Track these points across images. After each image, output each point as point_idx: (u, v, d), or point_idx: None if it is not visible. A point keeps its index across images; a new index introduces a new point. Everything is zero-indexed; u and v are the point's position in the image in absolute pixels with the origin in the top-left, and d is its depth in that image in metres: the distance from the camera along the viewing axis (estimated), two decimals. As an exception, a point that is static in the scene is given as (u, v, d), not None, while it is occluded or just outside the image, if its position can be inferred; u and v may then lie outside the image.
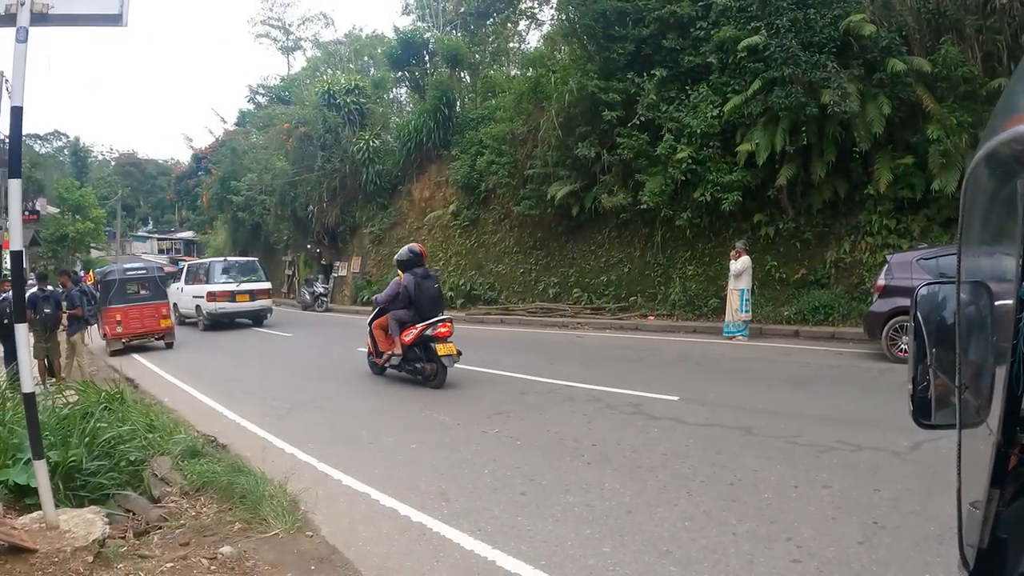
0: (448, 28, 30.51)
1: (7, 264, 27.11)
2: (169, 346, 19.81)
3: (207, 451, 7.72)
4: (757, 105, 15.56)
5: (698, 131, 16.56)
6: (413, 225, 29.45)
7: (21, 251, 5.24)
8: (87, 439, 7.50)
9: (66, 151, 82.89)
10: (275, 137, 38.75)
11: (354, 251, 33.06)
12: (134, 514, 6.59)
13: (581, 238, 21.41)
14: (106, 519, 5.52)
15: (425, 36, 30.18)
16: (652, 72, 17.71)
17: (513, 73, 28.04)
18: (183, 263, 36.24)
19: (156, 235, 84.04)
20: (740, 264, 14.86)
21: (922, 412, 1.82)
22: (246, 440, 8.78)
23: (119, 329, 18.91)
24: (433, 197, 28.56)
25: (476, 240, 25.71)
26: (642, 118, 17.71)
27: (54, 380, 13.40)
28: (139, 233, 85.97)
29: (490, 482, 6.39)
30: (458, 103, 28.73)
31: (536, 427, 8.34)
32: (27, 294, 13.38)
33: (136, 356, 18.26)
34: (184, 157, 78.24)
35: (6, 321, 13.48)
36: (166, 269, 30.47)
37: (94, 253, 58.58)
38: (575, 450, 7.21)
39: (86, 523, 5.23)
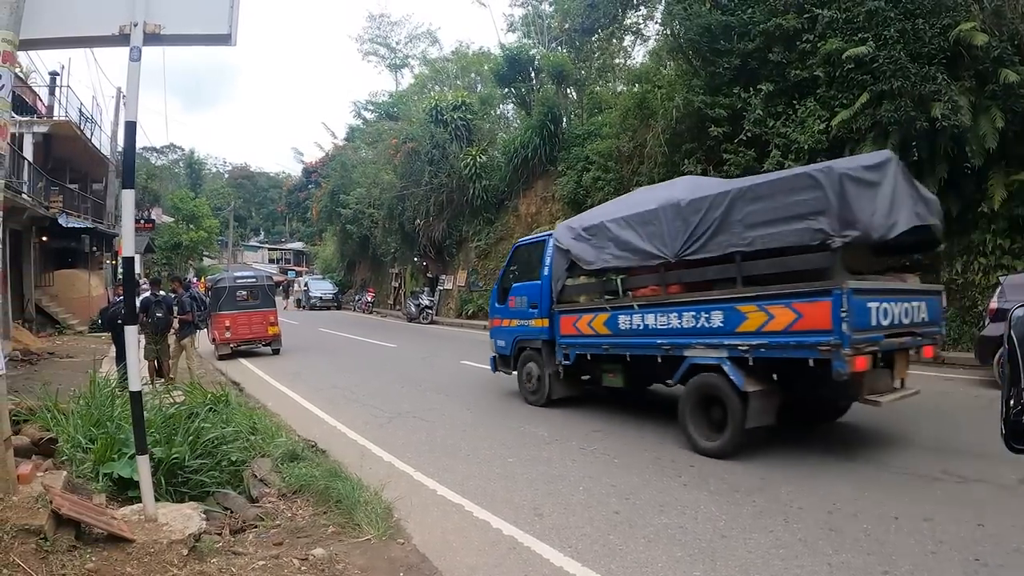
0: (553, 44, 30.60)
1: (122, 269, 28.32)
2: (276, 352, 20.55)
3: (306, 455, 7.93)
4: (865, 119, 15.02)
5: (806, 147, 16.05)
6: (518, 239, 29.42)
7: (133, 257, 5.58)
8: (190, 438, 7.88)
9: (181, 163, 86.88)
10: (383, 152, 39.76)
11: (460, 265, 33.46)
12: (232, 512, 6.85)
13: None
14: (203, 515, 5.74)
15: (531, 53, 30.41)
16: (758, 86, 17.33)
17: (619, 89, 27.91)
18: (293, 272, 37.80)
19: (267, 245, 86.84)
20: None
21: (1015, 437, 1.78)
22: (345, 447, 9.05)
23: (228, 334, 19.69)
24: (539, 212, 28.65)
25: (581, 256, 25.41)
26: (749, 134, 17.34)
27: (163, 381, 13.99)
28: (251, 243, 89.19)
29: (584, 499, 6.43)
30: (564, 119, 28.78)
31: (634, 445, 8.34)
32: (140, 298, 13.83)
33: (244, 361, 19.01)
34: (295, 171, 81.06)
35: (119, 322, 14.18)
36: (275, 278, 31.46)
37: (207, 261, 61.56)
38: (673, 471, 7.17)
39: (183, 518, 5.44)
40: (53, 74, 29.61)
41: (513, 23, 36.13)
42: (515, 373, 11.99)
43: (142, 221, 44.05)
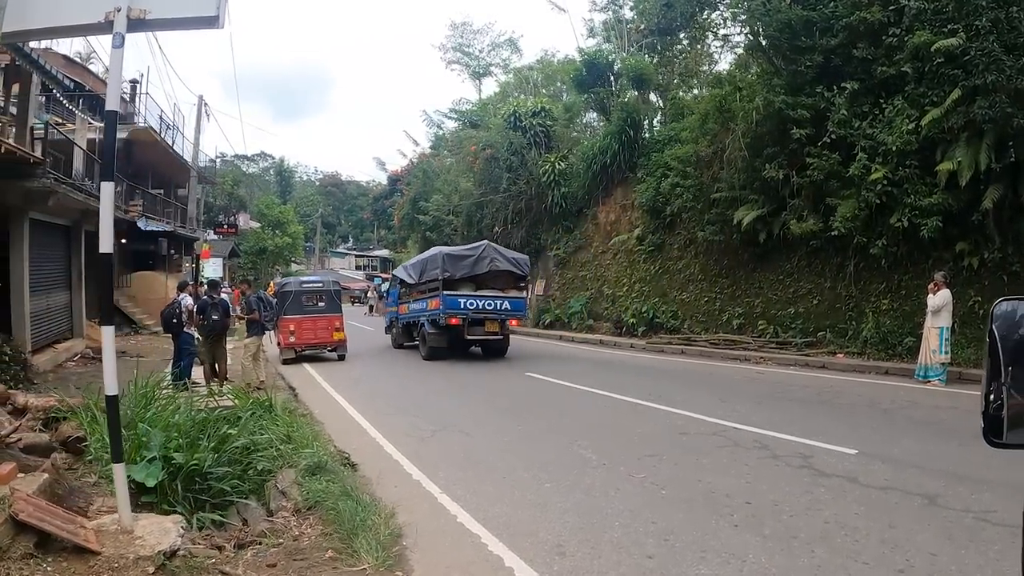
0: (633, 49, 29.78)
1: (205, 273, 29.05)
2: (341, 358, 20.33)
3: (333, 468, 7.55)
4: (958, 118, 13.85)
5: (893, 148, 14.90)
6: (598, 249, 28.98)
7: (110, 254, 5.53)
8: (212, 444, 7.67)
9: (272, 171, 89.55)
10: (462, 159, 39.59)
11: (538, 274, 32.87)
12: (246, 524, 6.62)
13: (768, 266, 19.96)
14: (183, 529, 5.43)
15: (610, 58, 29.69)
16: (843, 85, 16.27)
17: (700, 94, 26.98)
18: (379, 279, 38.47)
19: (354, 252, 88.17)
20: (939, 299, 13.24)
21: (993, 431, 1.80)
22: (378, 460, 8.59)
23: (292, 339, 19.54)
24: (618, 221, 27.93)
25: (660, 266, 24.76)
26: (833, 135, 16.28)
27: (218, 383, 13.95)
28: (338, 249, 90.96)
29: (618, 537, 5.65)
30: (645, 124, 27.97)
31: (688, 475, 7.47)
32: (198, 301, 14.15)
33: (307, 366, 18.85)
34: (382, 179, 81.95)
35: (174, 321, 14.07)
36: (348, 285, 31.64)
37: (294, 267, 62.12)
38: (725, 508, 6.31)
39: (161, 532, 5.14)
40: (133, 82, 30.29)
41: (593, 28, 35.51)
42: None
43: (225, 226, 45.44)
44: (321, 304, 20.43)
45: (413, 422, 10.98)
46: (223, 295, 15.67)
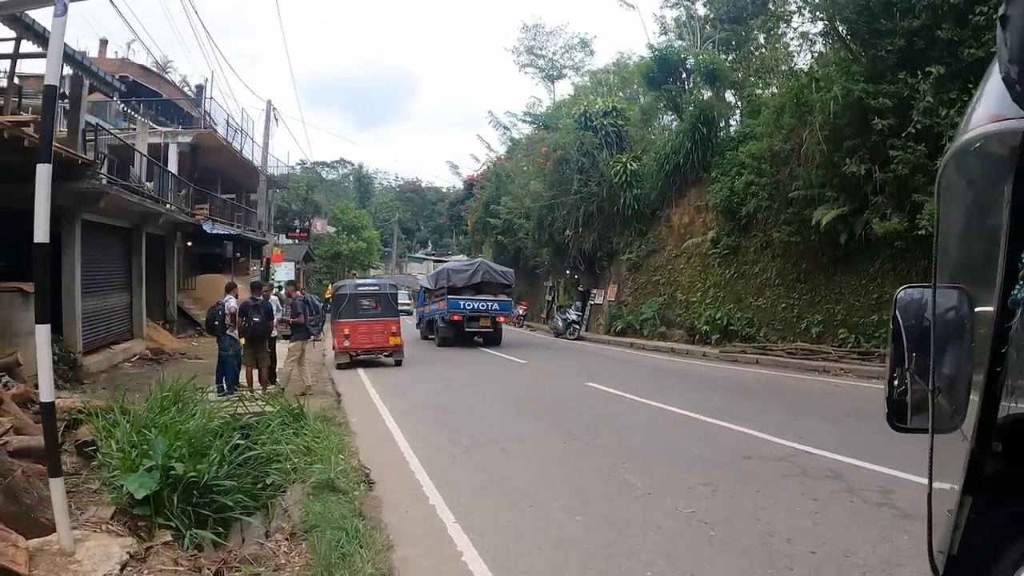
0: (706, 44, 28.55)
1: (276, 277, 29.13)
2: (398, 364, 19.76)
3: (343, 487, 6.97)
4: (1056, 101, 12.36)
5: (984, 139, 13.41)
6: (671, 252, 27.73)
7: (44, 243, 5.36)
8: (219, 455, 7.43)
9: (351, 177, 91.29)
10: (533, 160, 38.78)
11: (611, 278, 31.90)
12: (237, 546, 6.39)
13: (850, 270, 18.41)
14: (130, 553, 5.09)
15: (682, 54, 28.46)
16: (927, 70, 14.75)
17: (776, 89, 25.60)
18: None
19: (432, 257, 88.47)
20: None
21: (897, 416, 1.88)
22: (399, 479, 7.89)
23: (346, 343, 19.07)
24: (692, 223, 26.62)
25: (735, 270, 23.43)
26: (918, 125, 14.78)
27: (262, 388, 13.72)
28: (417, 254, 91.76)
29: (646, 595, 4.74)
30: (720, 121, 26.69)
31: (744, 511, 6.42)
32: (240, 302, 13.84)
33: (360, 370, 18.38)
34: (458, 184, 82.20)
35: (216, 323, 13.83)
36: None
37: (372, 272, 62.39)
38: (784, 559, 5.24)
39: (104, 556, 4.84)
40: (199, 87, 30.56)
41: (665, 25, 34.29)
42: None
43: (297, 230, 45.75)
44: (377, 308, 19.88)
45: (451, 435, 10.24)
46: (298, 296, 15.55)
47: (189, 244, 26.92)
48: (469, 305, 25.16)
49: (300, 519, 6.24)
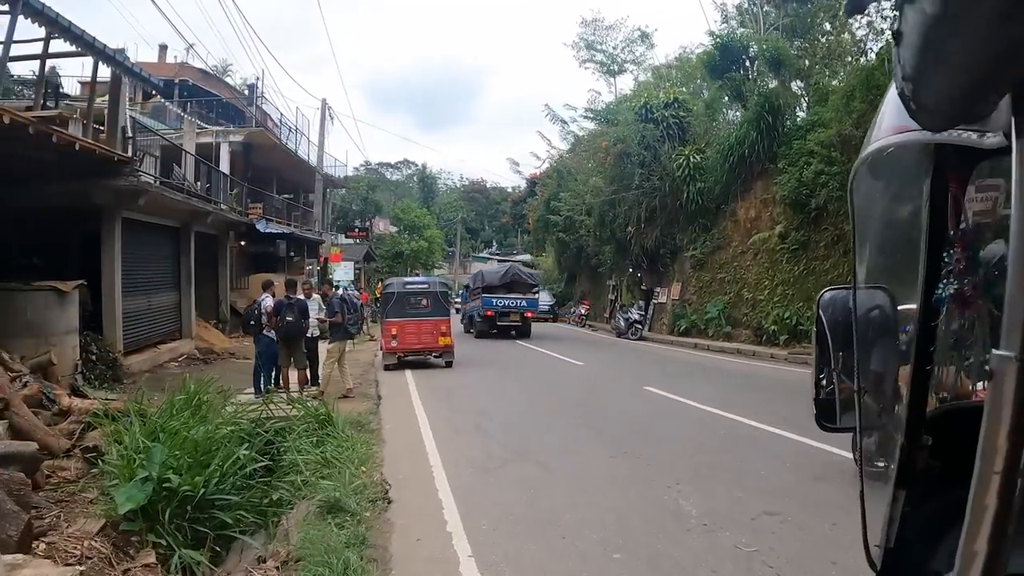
0: (769, 31, 27.15)
1: (335, 276, 29.09)
2: (448, 365, 18.73)
3: (351, 507, 6.26)
4: None
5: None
6: (737, 249, 26.46)
7: None
8: (213, 469, 6.88)
9: (415, 178, 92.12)
10: (593, 155, 37.87)
11: (674, 276, 30.77)
12: (228, 570, 6.01)
13: (929, 266, 17.17)
14: None
15: (744, 42, 27.15)
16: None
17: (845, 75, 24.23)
18: None
19: (496, 256, 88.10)
20: None
21: (826, 416, 1.96)
22: (421, 498, 7.09)
23: (394, 343, 18.11)
24: (759, 217, 25.33)
25: (805, 266, 22.11)
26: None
27: (299, 389, 13.23)
28: (481, 254, 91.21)
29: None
30: (786, 110, 25.21)
31: (816, 550, 5.40)
32: (274, 301, 13.19)
33: (407, 372, 17.50)
34: (522, 183, 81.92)
35: (252, 323, 13.49)
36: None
37: (435, 272, 62.09)
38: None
39: None
40: (251, 86, 30.63)
41: (726, 13, 32.91)
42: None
43: (356, 229, 45.76)
44: (426, 306, 18.89)
45: (488, 446, 9.40)
46: (343, 294, 15.17)
47: (242, 243, 26.76)
48: (500, 302, 28.76)
49: (296, 546, 5.54)
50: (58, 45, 13.36)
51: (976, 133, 1.03)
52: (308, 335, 13.89)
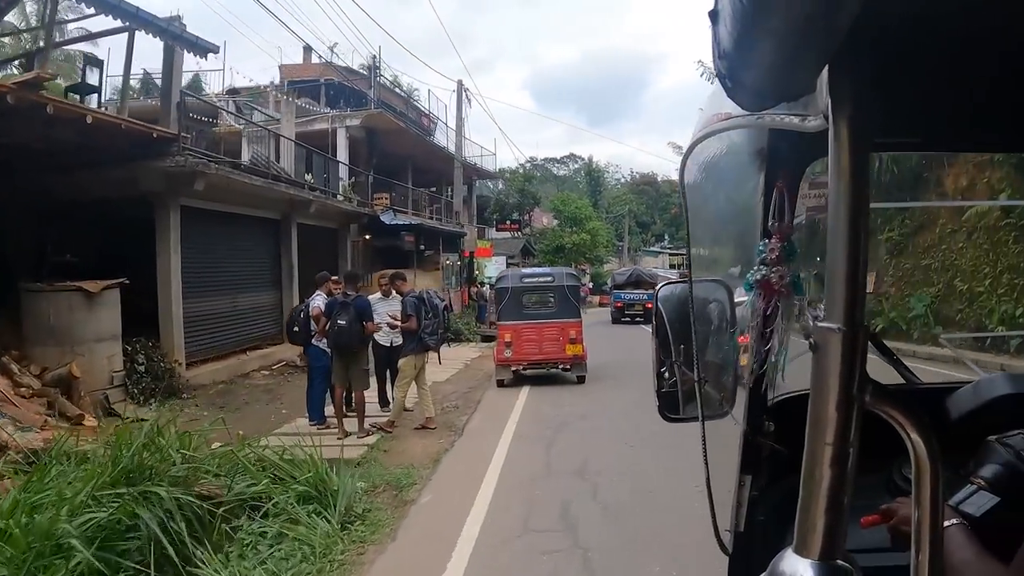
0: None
1: (487, 273, 31.41)
2: (580, 381, 14.75)
3: None
4: None
5: None
6: (946, 227, 21.93)
7: None
8: None
9: (581, 172, 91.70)
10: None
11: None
12: None
13: None
14: None
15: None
16: None
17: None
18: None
19: (668, 250, 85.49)
20: None
21: (668, 407, 1.99)
22: None
23: (507, 353, 14.36)
24: (973, 185, 21.05)
25: (1042, 247, 17.43)
26: None
27: (358, 418, 10.18)
28: (652, 248, 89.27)
29: None
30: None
31: None
32: (326, 300, 10.32)
33: (526, 389, 14.06)
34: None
35: (295, 329, 10.70)
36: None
37: (606, 266, 61.04)
38: None
39: None
40: (371, 68, 29.85)
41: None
42: None
43: (508, 222, 44.30)
44: (549, 306, 15.03)
45: (566, 557, 5.71)
46: (420, 292, 11.38)
47: (367, 237, 25.00)
48: (627, 296, 34.85)
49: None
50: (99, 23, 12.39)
51: (798, 117, 1.05)
52: (387, 344, 11.14)
